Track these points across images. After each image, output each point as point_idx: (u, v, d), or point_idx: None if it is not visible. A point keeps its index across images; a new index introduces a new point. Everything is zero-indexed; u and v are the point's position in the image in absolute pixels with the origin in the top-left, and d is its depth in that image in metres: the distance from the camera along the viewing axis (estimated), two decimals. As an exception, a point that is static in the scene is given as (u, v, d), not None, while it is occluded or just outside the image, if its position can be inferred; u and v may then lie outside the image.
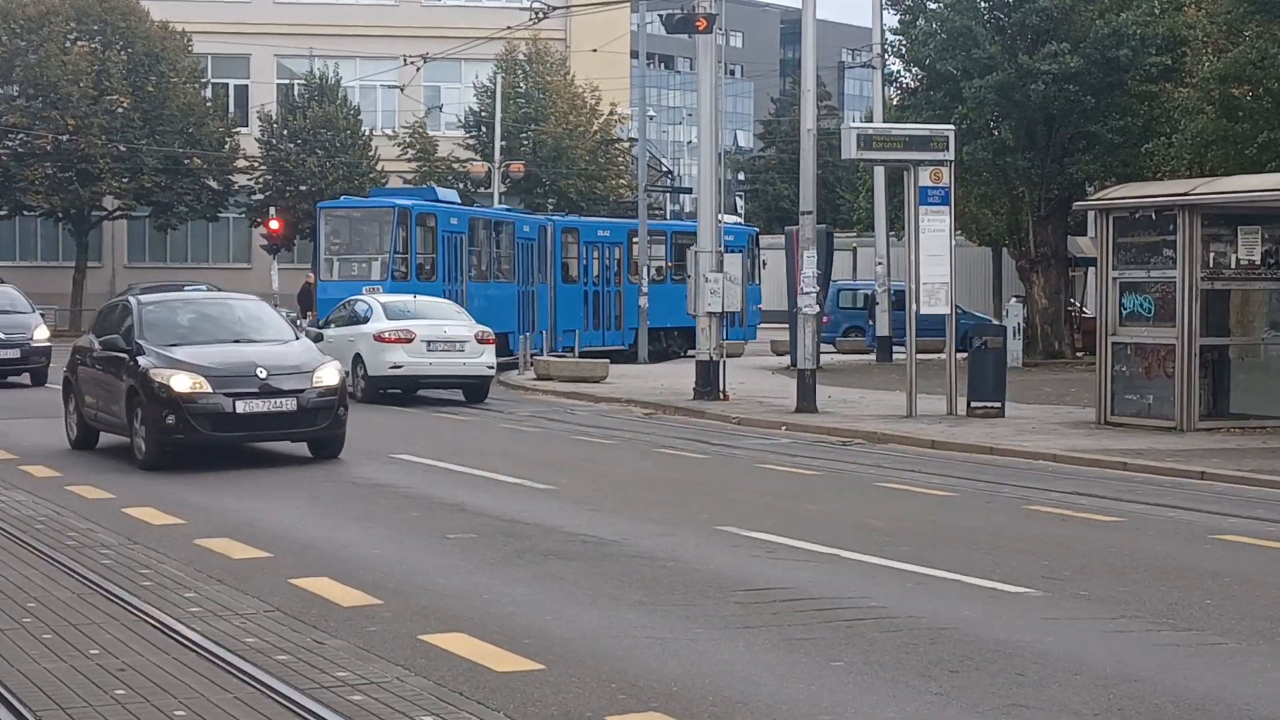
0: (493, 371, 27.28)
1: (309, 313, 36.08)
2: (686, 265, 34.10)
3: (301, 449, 17.36)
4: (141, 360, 16.46)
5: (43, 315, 31.89)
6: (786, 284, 35.00)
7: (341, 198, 42.27)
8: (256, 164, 55.48)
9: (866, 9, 37.95)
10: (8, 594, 9.52)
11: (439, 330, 26.46)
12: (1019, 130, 35.83)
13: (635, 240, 40.33)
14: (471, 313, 29.72)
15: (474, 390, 26.99)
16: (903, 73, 39.63)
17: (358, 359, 26.28)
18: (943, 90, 35.63)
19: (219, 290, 20.35)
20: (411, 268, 33.48)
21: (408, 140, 56.74)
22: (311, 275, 41.96)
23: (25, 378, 29.24)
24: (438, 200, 36.14)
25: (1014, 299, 37.17)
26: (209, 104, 56.19)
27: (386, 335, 26.15)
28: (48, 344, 29.63)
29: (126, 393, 16.59)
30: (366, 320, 26.95)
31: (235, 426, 16.28)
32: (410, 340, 26.07)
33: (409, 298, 28.83)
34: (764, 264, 48.13)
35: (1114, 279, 20.49)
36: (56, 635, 8.40)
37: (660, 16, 31.65)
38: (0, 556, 10.82)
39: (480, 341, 26.62)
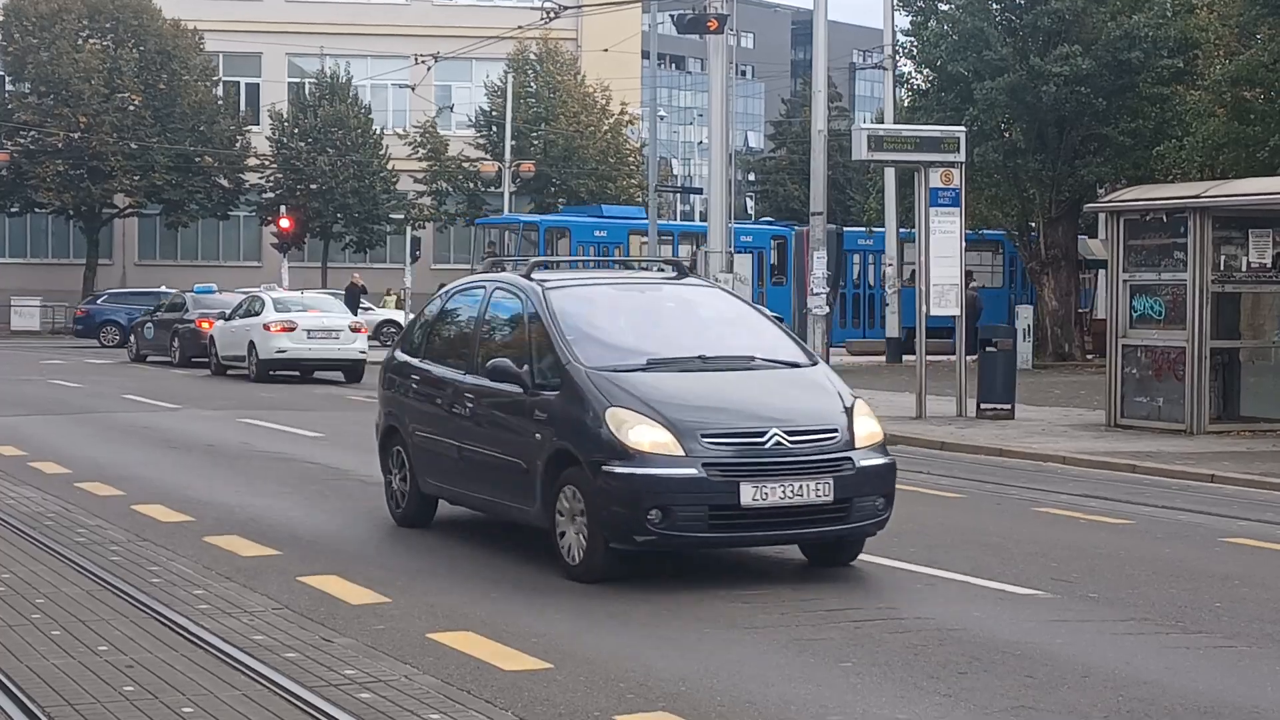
0: (364, 355, 31.01)
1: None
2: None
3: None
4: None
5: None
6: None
7: (503, 214, 48.62)
8: (267, 162, 55.56)
9: (878, 10, 37.85)
10: (17, 590, 9.52)
11: (319, 321, 31.05)
12: (1030, 132, 35.78)
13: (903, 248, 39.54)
14: None
15: (350, 371, 31.07)
16: (914, 74, 39.60)
17: (251, 345, 30.92)
18: (954, 92, 35.59)
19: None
20: None
21: (418, 139, 56.78)
22: (357, 276, 48.40)
23: None
24: (601, 216, 42.85)
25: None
26: (220, 102, 56.25)
27: (273, 325, 30.58)
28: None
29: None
30: (260, 313, 31.30)
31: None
32: (293, 329, 30.51)
33: (297, 294, 34.90)
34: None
35: (1124, 281, 20.46)
36: (65, 631, 8.40)
37: (672, 17, 31.70)
38: (9, 553, 10.82)
39: (353, 330, 31.02)
